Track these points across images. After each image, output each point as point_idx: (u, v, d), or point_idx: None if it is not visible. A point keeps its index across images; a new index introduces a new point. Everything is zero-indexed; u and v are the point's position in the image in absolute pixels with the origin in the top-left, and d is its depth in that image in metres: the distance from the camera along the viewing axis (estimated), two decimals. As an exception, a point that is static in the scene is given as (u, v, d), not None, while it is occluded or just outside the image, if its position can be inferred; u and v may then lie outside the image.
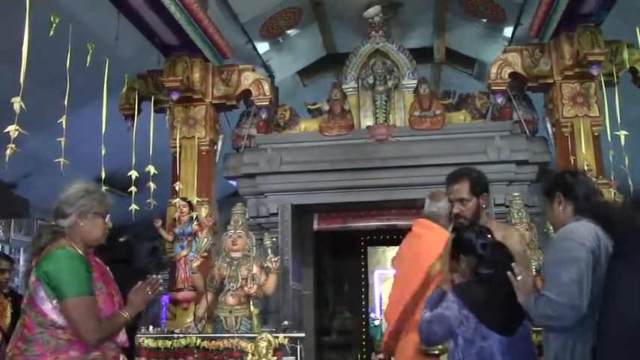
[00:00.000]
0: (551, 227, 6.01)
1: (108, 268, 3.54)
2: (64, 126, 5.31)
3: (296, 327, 7.35)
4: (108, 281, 3.44)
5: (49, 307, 3.16)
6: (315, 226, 9.33)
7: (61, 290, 3.14)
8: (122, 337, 3.42)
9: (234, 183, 8.90)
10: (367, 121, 8.66)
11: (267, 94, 7.97)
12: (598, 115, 7.43)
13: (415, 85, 8.65)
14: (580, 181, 3.63)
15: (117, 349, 3.39)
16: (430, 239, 4.37)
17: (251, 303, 6.40)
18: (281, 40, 11.00)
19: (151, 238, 13.78)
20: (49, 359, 3.12)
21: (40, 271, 3.19)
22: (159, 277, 3.53)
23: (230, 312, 6.31)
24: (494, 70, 7.73)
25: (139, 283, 3.51)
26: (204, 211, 7.46)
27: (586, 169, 7.09)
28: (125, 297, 3.48)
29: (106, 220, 3.49)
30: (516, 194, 7.47)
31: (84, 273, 3.22)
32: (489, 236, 3.67)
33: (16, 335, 3.24)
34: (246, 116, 8.83)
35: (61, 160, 5.23)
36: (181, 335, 5.95)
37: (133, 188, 6.59)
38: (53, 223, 3.39)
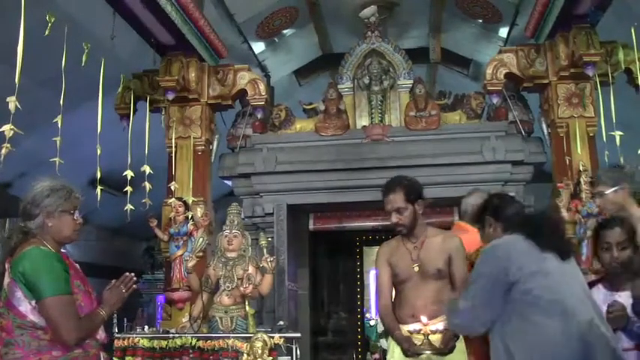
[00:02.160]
0: None
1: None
2: (59, 125, 5.31)
3: (292, 327, 7.34)
4: (83, 278, 3.39)
5: (27, 308, 3.11)
6: (311, 226, 9.33)
7: (39, 290, 3.08)
8: (102, 334, 3.38)
9: (229, 183, 8.89)
10: (363, 121, 8.66)
11: (263, 93, 7.99)
12: (593, 115, 7.45)
13: (411, 86, 8.66)
14: (507, 202, 3.95)
15: (98, 346, 3.36)
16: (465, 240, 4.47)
17: (246, 303, 6.39)
18: (277, 40, 11.00)
19: (147, 238, 13.82)
20: None
21: (16, 272, 3.12)
22: (132, 274, 3.46)
23: (225, 312, 6.30)
24: (489, 70, 7.75)
25: (113, 281, 3.47)
26: (199, 211, 7.47)
27: (582, 169, 7.12)
28: None
29: (75, 216, 3.41)
30: (512, 194, 7.47)
31: (61, 272, 3.18)
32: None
33: None
34: (242, 116, 8.82)
35: (57, 159, 5.23)
36: (177, 335, 5.94)
37: (128, 188, 6.59)
38: (22, 224, 3.33)
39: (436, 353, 3.95)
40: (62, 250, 3.43)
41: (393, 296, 4.46)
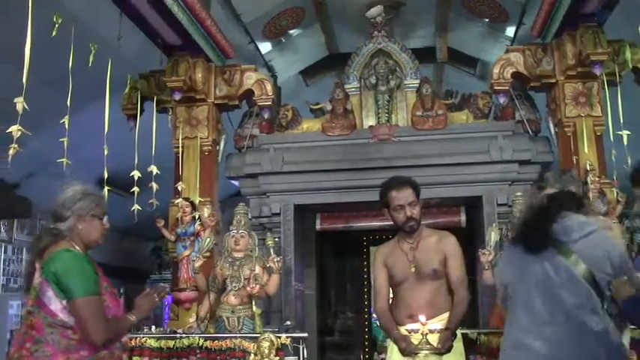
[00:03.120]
0: None
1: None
2: (66, 126, 5.33)
3: (298, 327, 7.34)
4: (108, 281, 3.47)
5: (58, 307, 3.19)
6: (318, 226, 9.33)
7: (70, 290, 3.17)
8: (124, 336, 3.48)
9: (236, 183, 8.89)
10: (369, 121, 8.65)
11: (270, 94, 7.99)
12: (600, 114, 7.43)
13: (417, 85, 8.64)
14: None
15: (122, 348, 3.44)
16: None
17: (253, 303, 6.39)
18: (283, 40, 11.01)
19: (154, 238, 13.84)
20: (60, 358, 3.14)
21: (48, 272, 3.21)
22: (166, 286, 3.58)
23: (232, 312, 6.30)
24: (496, 69, 7.74)
25: (147, 289, 3.57)
26: (206, 211, 7.47)
27: (589, 168, 7.10)
28: None
29: (104, 221, 3.51)
30: (519, 194, 7.46)
31: (91, 274, 3.27)
32: None
33: (24, 337, 3.24)
34: (249, 116, 8.82)
35: (64, 160, 5.24)
36: (184, 335, 5.95)
37: (135, 188, 6.60)
38: (52, 226, 3.41)
39: (434, 353, 3.94)
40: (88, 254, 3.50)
41: (390, 298, 4.49)
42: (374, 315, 13.05)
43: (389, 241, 4.63)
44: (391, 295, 4.52)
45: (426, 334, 3.89)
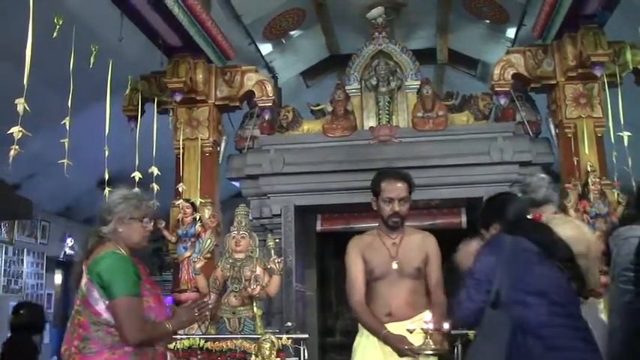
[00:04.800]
0: None
1: None
2: (67, 127, 5.33)
3: (299, 328, 7.35)
4: (152, 282, 3.67)
5: (102, 307, 3.37)
6: (319, 227, 9.32)
7: (111, 291, 3.34)
8: None
9: (237, 184, 8.90)
10: (370, 122, 8.66)
11: (271, 95, 7.98)
12: (601, 116, 7.42)
13: (418, 86, 8.64)
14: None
15: (164, 344, 3.66)
16: None
17: (254, 304, 6.40)
18: (284, 42, 11.01)
19: (154, 239, 13.81)
20: (106, 354, 3.32)
21: (93, 273, 3.40)
22: (209, 302, 3.71)
23: (233, 313, 6.31)
24: (497, 71, 7.74)
25: (189, 301, 3.73)
26: (207, 213, 7.47)
27: (589, 170, 7.10)
28: None
29: (144, 223, 3.66)
30: (519, 195, 7.46)
31: (133, 275, 3.44)
32: None
33: (72, 335, 3.42)
34: (250, 117, 8.82)
35: (65, 161, 5.25)
36: (184, 336, 5.96)
37: (136, 189, 6.59)
38: (97, 229, 3.59)
39: (434, 354, 3.93)
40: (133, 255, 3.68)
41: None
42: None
43: (364, 233, 4.59)
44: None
45: (430, 334, 3.86)
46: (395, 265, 4.27)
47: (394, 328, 4.08)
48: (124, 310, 3.32)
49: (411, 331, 3.90)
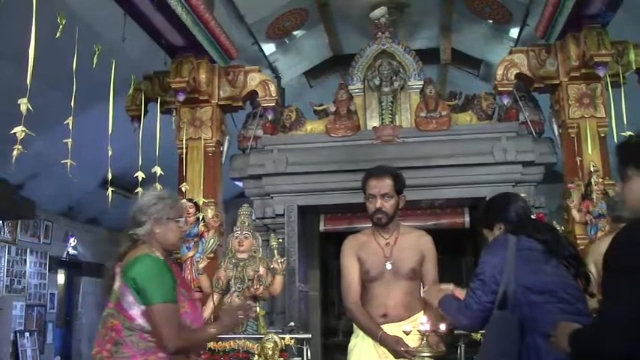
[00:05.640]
0: None
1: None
2: (70, 127, 5.32)
3: (302, 328, 7.34)
4: (187, 286, 3.62)
5: (137, 312, 3.28)
6: (322, 227, 9.32)
7: (148, 296, 3.26)
8: None
9: (240, 184, 8.90)
10: (373, 122, 8.65)
11: (274, 95, 7.98)
12: (604, 116, 7.42)
13: (421, 86, 8.63)
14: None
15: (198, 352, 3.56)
16: None
17: (257, 304, 6.40)
18: (287, 41, 11.03)
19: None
20: None
21: (128, 277, 3.31)
22: (254, 305, 3.64)
23: (235, 313, 6.31)
24: (500, 71, 7.73)
25: (232, 304, 3.66)
26: (210, 212, 7.47)
27: (592, 170, 7.09)
28: None
29: (181, 223, 3.60)
30: (523, 195, 7.44)
31: (170, 280, 3.35)
32: None
33: (104, 338, 3.34)
34: (252, 117, 8.82)
35: (68, 161, 5.24)
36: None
37: (139, 189, 6.60)
38: (130, 232, 3.51)
39: (432, 355, 3.91)
40: (168, 257, 3.62)
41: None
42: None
43: (359, 232, 4.58)
44: None
45: (427, 335, 3.84)
46: (389, 266, 4.24)
47: (390, 329, 4.06)
48: (161, 317, 3.24)
49: (407, 333, 3.88)
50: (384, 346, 4.02)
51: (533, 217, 3.97)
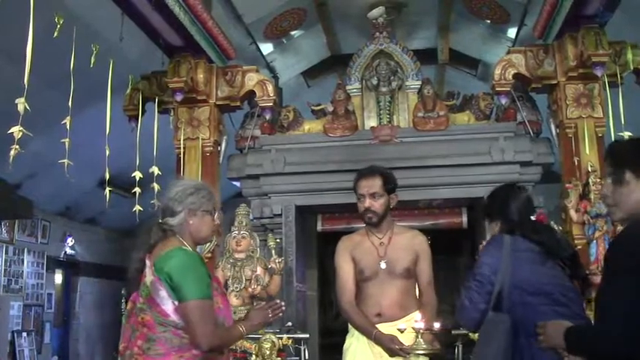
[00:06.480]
0: None
1: None
2: (68, 127, 5.32)
3: (300, 328, 7.35)
4: (219, 281, 3.50)
5: (170, 308, 3.14)
6: (319, 227, 9.33)
7: (183, 292, 3.12)
8: None
9: (238, 184, 8.90)
10: (371, 122, 8.65)
11: (271, 95, 7.98)
12: (602, 116, 7.42)
13: (419, 86, 8.64)
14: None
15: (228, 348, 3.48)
16: None
17: (255, 304, 6.40)
18: (285, 41, 11.02)
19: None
20: (173, 357, 3.12)
21: (161, 271, 3.16)
22: (283, 303, 3.54)
23: (234, 313, 6.30)
24: (498, 71, 7.73)
25: (263, 303, 3.56)
26: (208, 212, 7.45)
27: (590, 170, 7.10)
28: None
29: (215, 217, 3.47)
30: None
31: (205, 276, 3.23)
32: None
33: (135, 334, 3.21)
34: (250, 117, 8.82)
35: (65, 161, 5.24)
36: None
37: (137, 189, 6.61)
38: (160, 221, 3.37)
39: (426, 353, 3.91)
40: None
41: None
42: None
43: (354, 232, 4.58)
44: None
45: (422, 333, 3.84)
46: (383, 265, 4.25)
47: (384, 328, 4.08)
48: (196, 314, 3.10)
49: (402, 331, 3.89)
50: (378, 344, 4.03)
51: (534, 216, 3.95)
